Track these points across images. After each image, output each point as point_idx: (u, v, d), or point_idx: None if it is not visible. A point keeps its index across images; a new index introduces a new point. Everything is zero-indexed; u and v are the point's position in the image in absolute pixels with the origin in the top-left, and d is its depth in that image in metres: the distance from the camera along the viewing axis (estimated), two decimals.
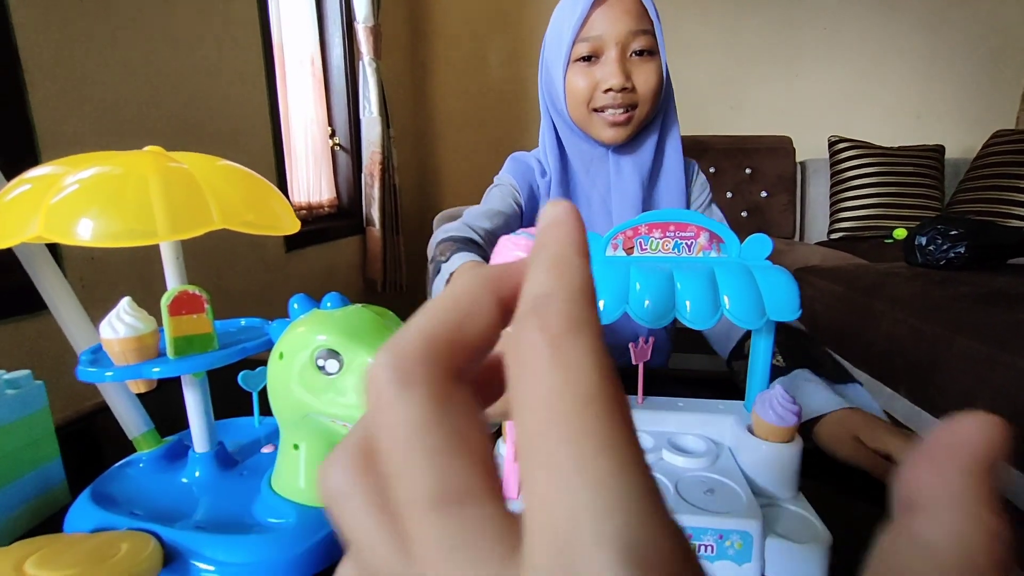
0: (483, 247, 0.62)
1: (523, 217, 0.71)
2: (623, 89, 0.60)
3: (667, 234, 0.41)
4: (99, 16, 1.00)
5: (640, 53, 0.60)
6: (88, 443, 0.54)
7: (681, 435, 0.42)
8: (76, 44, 0.96)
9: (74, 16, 0.95)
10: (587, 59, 0.62)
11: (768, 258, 0.42)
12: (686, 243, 0.41)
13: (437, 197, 2.75)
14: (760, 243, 0.41)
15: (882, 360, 1.26)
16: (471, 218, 0.66)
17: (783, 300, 0.38)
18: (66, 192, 0.32)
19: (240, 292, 1.42)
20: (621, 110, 0.61)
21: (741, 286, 0.38)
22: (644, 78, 0.60)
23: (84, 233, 0.31)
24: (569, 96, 0.64)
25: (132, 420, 0.42)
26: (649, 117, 0.64)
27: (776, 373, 0.51)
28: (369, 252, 2.13)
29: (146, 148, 0.38)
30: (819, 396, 0.47)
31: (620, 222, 0.70)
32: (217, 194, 0.35)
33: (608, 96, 0.61)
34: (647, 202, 0.67)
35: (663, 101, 0.64)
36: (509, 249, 0.33)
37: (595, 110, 0.63)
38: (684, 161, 0.70)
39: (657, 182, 0.67)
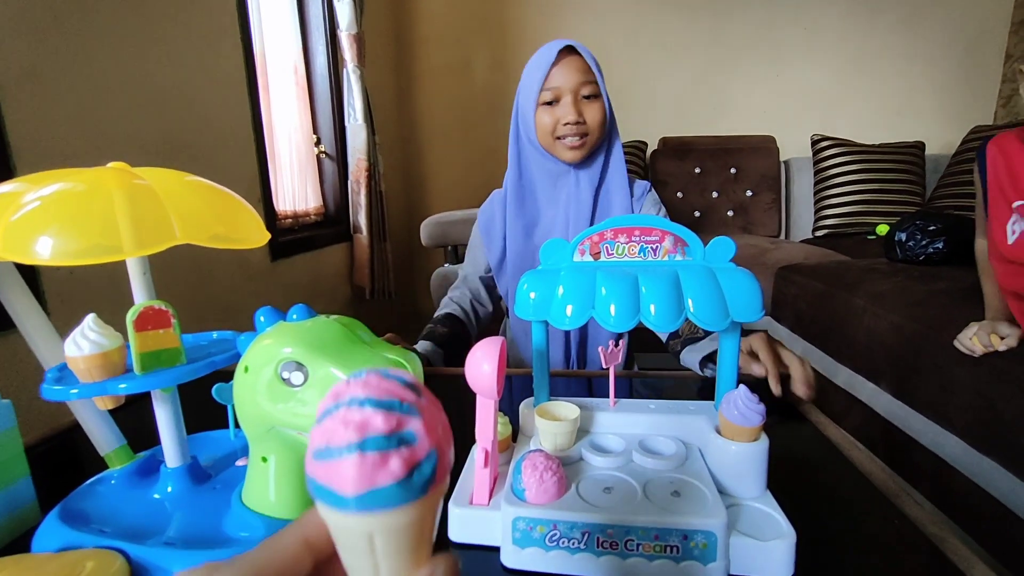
0: (458, 318, 0.90)
1: (500, 258, 0.92)
2: (577, 123, 0.79)
3: (633, 238, 0.42)
4: (75, 29, 1.00)
5: (588, 96, 0.80)
6: (64, 461, 0.54)
7: (652, 437, 0.43)
8: (52, 58, 0.95)
9: (49, 29, 0.95)
10: (550, 103, 0.81)
11: (737, 258, 0.43)
12: (651, 247, 0.42)
13: (424, 203, 2.75)
14: (724, 246, 0.42)
15: (864, 355, 1.27)
16: (457, 283, 0.97)
17: (746, 302, 0.39)
18: (25, 210, 0.32)
19: (225, 302, 1.41)
20: (576, 137, 0.80)
21: (705, 289, 0.39)
22: (592, 114, 0.80)
23: (43, 251, 0.31)
24: (538, 129, 0.83)
25: (103, 437, 0.42)
26: (598, 142, 0.84)
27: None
28: (356, 259, 2.12)
29: (109, 164, 0.38)
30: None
31: (575, 224, 0.84)
32: (181, 209, 0.36)
33: (567, 128, 0.80)
34: (596, 205, 0.87)
35: (608, 130, 0.84)
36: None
37: (558, 138, 0.82)
38: (638, 183, 0.90)
39: (605, 189, 0.87)
